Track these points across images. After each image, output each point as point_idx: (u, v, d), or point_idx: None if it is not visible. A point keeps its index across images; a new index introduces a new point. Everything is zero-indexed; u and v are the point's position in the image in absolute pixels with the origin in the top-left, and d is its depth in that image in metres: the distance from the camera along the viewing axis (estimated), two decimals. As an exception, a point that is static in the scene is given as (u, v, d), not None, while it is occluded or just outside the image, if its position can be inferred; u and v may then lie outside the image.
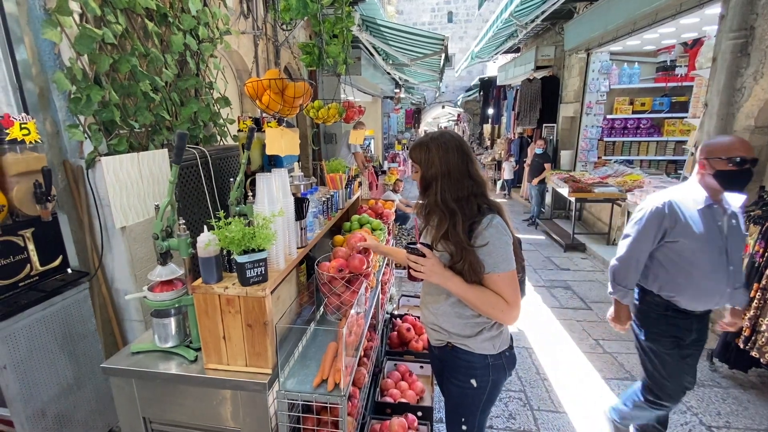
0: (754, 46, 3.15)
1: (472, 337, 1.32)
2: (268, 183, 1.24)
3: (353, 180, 2.50)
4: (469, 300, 1.25)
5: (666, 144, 6.07)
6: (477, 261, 1.21)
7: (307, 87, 1.36)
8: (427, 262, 1.23)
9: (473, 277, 1.23)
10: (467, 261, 1.21)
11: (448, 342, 1.37)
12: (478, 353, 1.32)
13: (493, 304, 1.22)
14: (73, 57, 1.92)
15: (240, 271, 1.16)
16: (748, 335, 2.33)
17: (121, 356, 1.36)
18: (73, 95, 1.93)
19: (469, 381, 1.35)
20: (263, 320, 1.19)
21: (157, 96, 2.44)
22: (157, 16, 2.46)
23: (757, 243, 2.31)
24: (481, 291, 1.23)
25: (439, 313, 1.36)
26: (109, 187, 2.00)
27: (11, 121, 1.56)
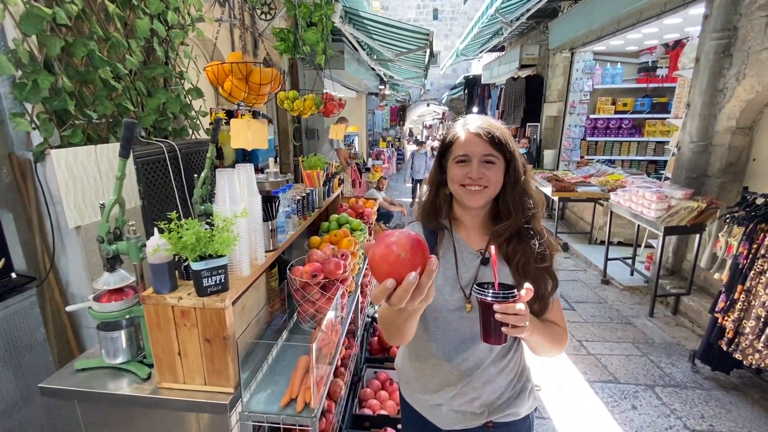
0: (737, 47, 3.16)
1: (518, 398, 1.01)
2: (229, 180, 1.10)
3: (333, 177, 2.37)
4: (543, 343, 0.92)
5: (647, 144, 6.13)
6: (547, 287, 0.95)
7: (275, 73, 1.23)
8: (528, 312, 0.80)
9: (544, 309, 0.96)
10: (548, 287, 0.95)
11: (488, 421, 1.00)
12: (524, 416, 1.03)
13: (559, 336, 0.96)
14: (18, 38, 1.73)
15: (196, 280, 1.02)
16: (731, 337, 2.31)
17: (64, 374, 1.20)
18: (18, 80, 1.73)
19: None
20: (223, 334, 1.06)
21: (120, 84, 2.26)
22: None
23: (741, 244, 2.29)
24: (551, 327, 0.96)
25: (480, 385, 0.98)
26: (61, 183, 1.81)
27: (-62, 107, 1.37)
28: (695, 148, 3.49)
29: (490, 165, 0.93)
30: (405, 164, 16.15)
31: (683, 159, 3.62)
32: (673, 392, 2.47)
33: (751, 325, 2.19)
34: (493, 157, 0.93)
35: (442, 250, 1.01)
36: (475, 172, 0.93)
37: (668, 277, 3.75)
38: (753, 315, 2.18)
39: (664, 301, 3.61)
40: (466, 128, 0.97)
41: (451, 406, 1.01)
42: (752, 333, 2.17)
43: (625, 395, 2.45)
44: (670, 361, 2.79)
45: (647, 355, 2.86)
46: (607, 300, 3.79)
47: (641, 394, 2.46)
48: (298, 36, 2.00)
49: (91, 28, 2.08)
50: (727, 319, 2.32)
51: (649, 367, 2.73)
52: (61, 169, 1.81)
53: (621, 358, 2.83)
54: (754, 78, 3.00)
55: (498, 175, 0.94)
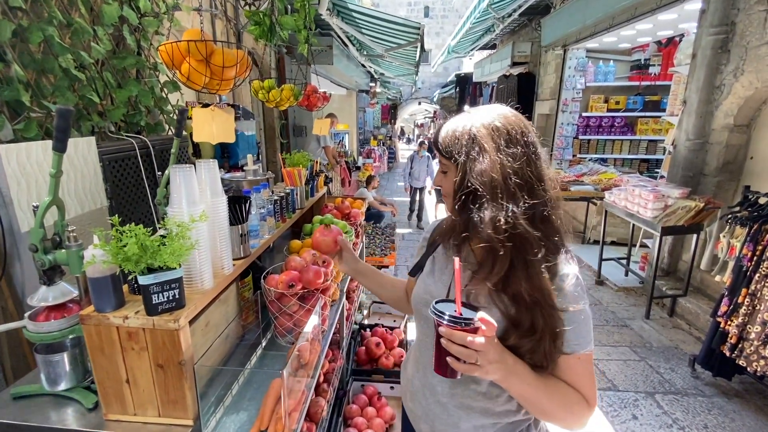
0: (735, 42, 3.08)
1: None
2: (186, 178, 0.94)
3: (317, 175, 2.21)
4: (536, 402, 0.75)
5: (639, 143, 6.09)
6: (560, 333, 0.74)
7: (242, 55, 1.08)
8: (488, 347, 0.65)
9: (548, 360, 0.76)
10: (547, 331, 0.73)
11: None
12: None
13: (570, 405, 0.75)
14: (-39, 20, 1.54)
15: (145, 296, 0.86)
16: (735, 343, 2.22)
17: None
18: (-39, 68, 1.55)
19: None
20: (178, 359, 0.90)
21: (84, 74, 2.07)
22: (83, -21, 2.08)
23: (745, 246, 2.20)
24: (556, 387, 0.76)
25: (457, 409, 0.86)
26: (12, 182, 1.62)
27: None
28: (691, 146, 3.41)
29: (444, 174, 0.86)
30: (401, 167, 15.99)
31: (679, 157, 3.54)
32: (674, 400, 2.37)
33: (756, 330, 2.09)
34: (444, 165, 0.86)
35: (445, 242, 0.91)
36: (437, 179, 0.89)
37: (664, 278, 3.67)
38: (758, 320, 2.08)
39: (660, 303, 3.53)
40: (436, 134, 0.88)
41: (427, 425, 0.92)
42: (758, 339, 2.08)
43: (625, 404, 2.34)
44: (669, 366, 2.70)
45: (645, 360, 2.76)
46: (602, 301, 3.70)
47: (641, 402, 2.35)
48: (274, 20, 1.84)
49: (50, 12, 1.90)
50: (731, 323, 2.23)
51: (648, 372, 2.63)
52: (11, 166, 1.62)
53: (619, 363, 2.73)
54: (753, 74, 2.92)
55: (450, 184, 0.83)
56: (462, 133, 0.80)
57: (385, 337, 2.23)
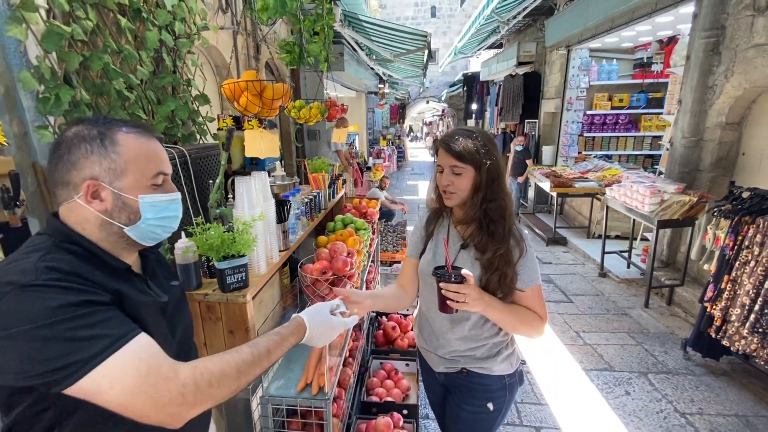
0: (725, 45, 3.25)
1: (490, 359, 1.22)
2: (247, 187, 1.22)
3: (336, 179, 2.48)
4: (507, 322, 1.14)
5: (643, 139, 6.22)
6: (515, 275, 1.13)
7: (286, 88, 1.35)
8: (471, 291, 1.04)
9: (509, 295, 1.14)
10: (508, 276, 1.11)
11: (463, 368, 1.25)
12: (496, 375, 1.23)
13: (530, 321, 1.15)
14: (41, 55, 1.84)
15: (220, 278, 1.14)
16: (719, 325, 2.43)
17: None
18: (41, 95, 1.85)
19: (485, 405, 1.24)
20: (245, 326, 1.18)
21: (132, 94, 2.37)
22: (131, 11, 2.37)
23: (728, 236, 2.40)
24: (518, 310, 1.15)
25: (455, 339, 1.23)
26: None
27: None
28: (687, 144, 3.59)
29: (456, 175, 1.12)
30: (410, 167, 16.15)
31: (676, 154, 3.72)
32: (665, 378, 2.59)
33: (737, 312, 2.30)
34: (459, 168, 1.11)
35: (437, 229, 1.28)
36: (444, 181, 1.14)
37: (663, 269, 3.86)
38: (738, 303, 2.29)
39: (659, 293, 3.72)
40: (442, 142, 1.15)
41: (436, 351, 1.29)
42: (738, 320, 2.28)
43: (619, 382, 2.57)
44: (663, 349, 2.91)
45: (641, 344, 2.98)
46: (604, 292, 3.91)
47: (635, 380, 2.58)
48: (303, 48, 2.11)
49: (105, 42, 2.19)
50: (715, 307, 2.43)
51: (643, 355, 2.85)
52: (83, 177, 1.93)
53: (616, 347, 2.95)
54: (742, 75, 3.10)
55: (465, 182, 1.12)
56: (471, 145, 1.10)
57: (400, 322, 2.49)
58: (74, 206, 0.72)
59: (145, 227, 0.76)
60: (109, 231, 0.74)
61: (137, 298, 0.74)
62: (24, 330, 0.58)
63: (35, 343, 0.58)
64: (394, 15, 17.16)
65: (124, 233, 0.75)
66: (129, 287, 0.74)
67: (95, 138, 0.71)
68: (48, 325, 0.59)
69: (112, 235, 0.75)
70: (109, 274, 0.72)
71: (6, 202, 1.58)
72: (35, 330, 0.58)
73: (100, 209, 0.72)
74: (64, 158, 0.71)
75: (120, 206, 0.73)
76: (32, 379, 0.59)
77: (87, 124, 0.73)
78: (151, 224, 0.77)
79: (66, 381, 0.59)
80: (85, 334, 0.61)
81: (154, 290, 0.82)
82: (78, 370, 0.59)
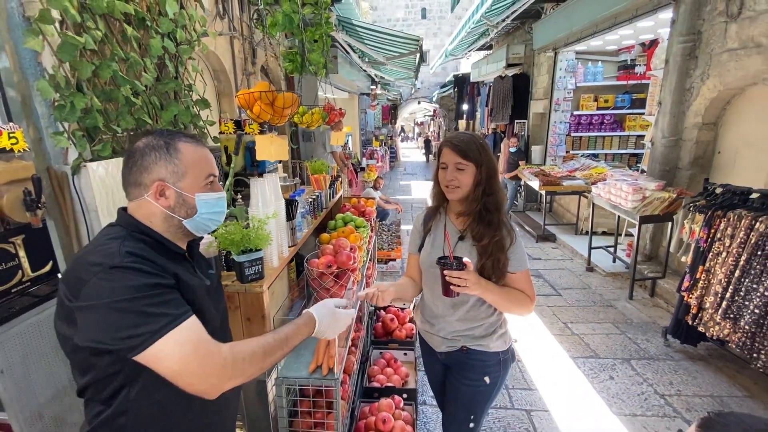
0: (701, 50, 3.44)
1: (487, 337, 1.38)
2: (262, 187, 1.34)
3: (336, 180, 2.60)
4: (501, 301, 1.29)
5: (628, 138, 6.44)
6: (507, 261, 1.29)
7: (295, 98, 1.47)
8: (471, 276, 1.19)
9: (501, 278, 1.30)
10: (501, 261, 1.27)
11: (463, 346, 1.39)
12: (492, 351, 1.38)
13: (520, 301, 1.30)
14: (56, 65, 1.94)
15: (239, 270, 1.26)
16: (696, 313, 2.60)
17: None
18: (57, 103, 1.94)
19: (483, 379, 1.39)
20: (261, 314, 1.30)
21: (138, 100, 2.46)
22: (136, 20, 2.47)
23: (702, 230, 2.57)
24: (510, 291, 1.30)
25: (456, 321, 1.38)
26: (96, 193, 2.02)
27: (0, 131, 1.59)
28: (667, 143, 3.78)
29: (460, 171, 1.28)
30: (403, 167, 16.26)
31: (656, 153, 3.91)
32: (646, 364, 2.76)
33: (711, 300, 2.47)
34: (462, 165, 1.27)
35: (434, 225, 1.43)
36: (449, 176, 1.29)
37: (646, 262, 4.05)
38: (712, 291, 2.47)
39: (642, 285, 3.91)
40: (446, 143, 1.32)
41: (438, 333, 1.43)
42: (712, 307, 2.46)
43: (603, 368, 2.73)
44: (646, 337, 3.09)
45: (625, 333, 3.15)
46: (591, 286, 4.08)
47: (618, 366, 2.74)
48: (305, 57, 2.23)
49: (112, 50, 2.29)
50: (691, 296, 2.61)
51: (627, 343, 3.02)
52: (96, 180, 2.02)
53: (602, 337, 3.12)
54: (717, 78, 3.29)
55: (468, 178, 1.28)
56: (476, 145, 1.28)
57: (398, 314, 2.62)
58: (143, 203, 0.87)
59: (199, 220, 0.91)
60: (170, 223, 0.89)
61: (190, 282, 0.88)
62: (106, 303, 0.71)
63: (116, 314, 0.71)
64: (385, 16, 17.30)
65: (182, 225, 0.90)
66: (184, 271, 0.88)
67: (162, 147, 0.86)
68: (127, 300, 0.72)
69: (172, 226, 0.89)
70: (170, 259, 0.87)
71: (28, 205, 1.67)
72: (116, 303, 0.71)
73: (165, 205, 0.87)
74: (138, 163, 0.85)
75: (181, 203, 0.88)
76: (109, 343, 0.72)
77: (155, 135, 0.89)
78: (204, 218, 0.91)
79: (137, 349, 0.72)
80: (155, 311, 0.74)
81: (200, 275, 0.96)
82: (146, 340, 0.72)
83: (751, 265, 2.25)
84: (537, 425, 2.25)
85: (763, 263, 2.19)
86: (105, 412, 0.80)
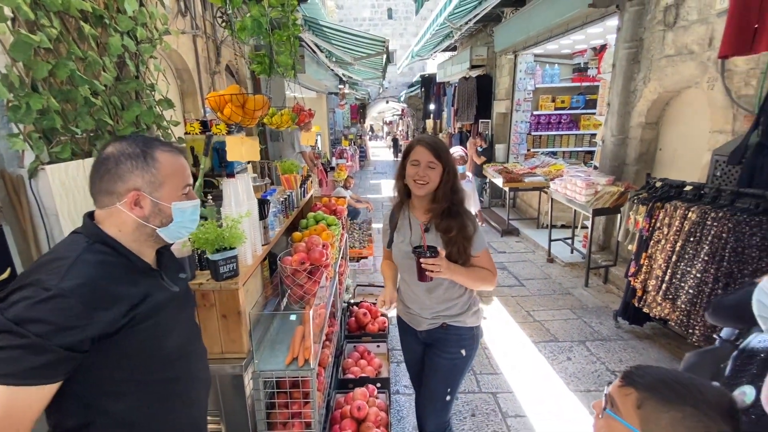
0: (643, 55, 3.75)
1: (463, 314, 1.54)
2: (234, 188, 1.38)
3: (306, 179, 2.65)
4: (469, 281, 1.45)
5: (583, 137, 6.85)
6: (470, 245, 1.45)
7: (265, 100, 1.51)
8: (443, 262, 1.35)
9: (467, 261, 1.45)
10: (465, 247, 1.43)
11: (443, 323, 1.55)
12: (468, 326, 1.55)
13: (485, 277, 1.47)
14: (9, 64, 1.86)
15: (214, 268, 1.30)
16: (640, 295, 2.86)
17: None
18: (11, 104, 1.87)
19: (460, 351, 1.55)
20: (237, 310, 1.34)
21: (98, 100, 2.40)
22: (93, 17, 2.40)
23: (644, 220, 2.83)
24: (475, 270, 1.46)
25: (433, 303, 1.53)
26: (56, 196, 1.97)
27: (-49, 133, 1.52)
28: (615, 141, 4.09)
29: (431, 168, 1.42)
30: (373, 165, 16.29)
31: (606, 150, 4.21)
32: (599, 344, 2.99)
33: (653, 283, 2.72)
34: (434, 164, 1.42)
35: (400, 220, 1.58)
36: (421, 172, 1.42)
37: (600, 252, 4.35)
38: (654, 275, 2.72)
39: (596, 273, 4.20)
40: (420, 142, 1.45)
41: (421, 315, 1.58)
42: (654, 290, 2.71)
43: (562, 350, 2.94)
44: (599, 320, 3.34)
45: (581, 318, 3.39)
46: (551, 276, 4.34)
47: (575, 348, 2.96)
48: (273, 60, 2.26)
49: (69, 49, 2.22)
50: (636, 281, 2.86)
51: (583, 327, 3.26)
52: (56, 183, 1.96)
53: (560, 322, 3.34)
54: (657, 81, 3.59)
55: (436, 176, 1.43)
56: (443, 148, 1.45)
57: (370, 309, 2.71)
58: (115, 211, 0.86)
59: (174, 229, 0.91)
60: (142, 232, 0.88)
61: (158, 297, 0.89)
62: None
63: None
64: (351, 15, 17.29)
65: (155, 233, 0.89)
66: (150, 285, 0.89)
67: (139, 155, 0.85)
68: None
69: (143, 235, 0.89)
70: (135, 273, 0.87)
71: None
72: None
73: (140, 215, 0.86)
74: (111, 171, 0.83)
75: (156, 212, 0.88)
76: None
77: (129, 142, 0.87)
78: (179, 226, 0.92)
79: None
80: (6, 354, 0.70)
81: (167, 282, 0.96)
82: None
83: (685, 250, 2.51)
84: (502, 406, 2.40)
85: (695, 248, 2.45)
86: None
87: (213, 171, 2.48)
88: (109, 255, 0.84)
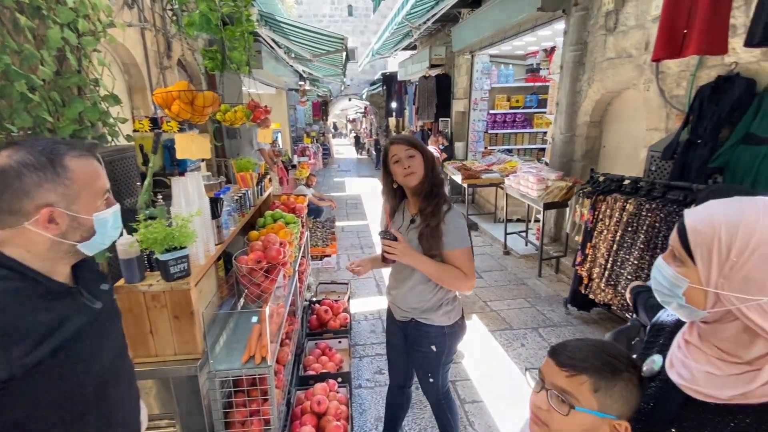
0: (587, 58, 4.00)
1: (433, 312, 1.59)
2: (183, 186, 1.35)
3: (264, 177, 2.61)
4: (434, 274, 1.50)
5: (536, 135, 7.19)
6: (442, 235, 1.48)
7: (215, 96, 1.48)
8: (399, 245, 1.45)
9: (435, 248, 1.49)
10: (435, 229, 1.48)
11: (412, 318, 1.62)
12: (437, 325, 1.60)
13: (454, 276, 1.49)
14: (-67, 56, 1.71)
15: (164, 268, 1.27)
16: (586, 283, 3.07)
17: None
18: (-64, 99, 1.72)
19: (430, 347, 1.62)
20: (190, 310, 1.32)
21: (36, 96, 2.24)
22: (29, 8, 2.24)
23: (588, 212, 3.04)
24: (443, 266, 1.50)
25: (405, 292, 1.61)
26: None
27: None
28: (564, 139, 4.34)
29: (411, 157, 1.50)
30: (337, 163, 16.19)
31: (556, 147, 4.46)
32: (551, 331, 3.19)
33: (597, 271, 2.94)
34: (412, 152, 1.51)
35: (398, 213, 1.67)
36: (405, 164, 1.50)
37: (551, 243, 4.61)
38: (597, 264, 2.93)
39: (549, 263, 4.45)
40: (393, 142, 1.56)
41: (396, 303, 1.68)
42: (598, 277, 2.92)
43: (516, 338, 3.10)
44: (551, 308, 3.55)
45: (534, 306, 3.59)
46: (507, 267, 4.55)
47: (529, 335, 3.14)
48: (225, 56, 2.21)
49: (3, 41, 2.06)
50: (583, 269, 3.07)
51: (536, 315, 3.45)
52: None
53: (515, 311, 3.52)
54: (599, 83, 3.85)
55: (419, 163, 1.51)
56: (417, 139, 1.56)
57: (332, 305, 2.72)
58: (22, 231, 0.73)
59: (98, 241, 0.82)
60: (58, 250, 0.77)
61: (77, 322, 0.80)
62: None
63: None
64: (311, 11, 17.04)
65: (74, 249, 0.79)
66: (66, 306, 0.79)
67: (46, 165, 0.72)
68: None
69: (59, 253, 0.78)
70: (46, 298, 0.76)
71: None
72: None
73: (56, 232, 0.75)
74: (14, 187, 0.70)
75: (75, 227, 0.77)
76: None
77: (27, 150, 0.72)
78: (102, 237, 0.83)
79: None
80: None
81: (88, 298, 0.85)
82: None
83: (624, 239, 2.72)
84: (461, 393, 2.51)
85: (632, 237, 2.67)
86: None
87: (165, 170, 2.40)
88: (11, 281, 0.72)
